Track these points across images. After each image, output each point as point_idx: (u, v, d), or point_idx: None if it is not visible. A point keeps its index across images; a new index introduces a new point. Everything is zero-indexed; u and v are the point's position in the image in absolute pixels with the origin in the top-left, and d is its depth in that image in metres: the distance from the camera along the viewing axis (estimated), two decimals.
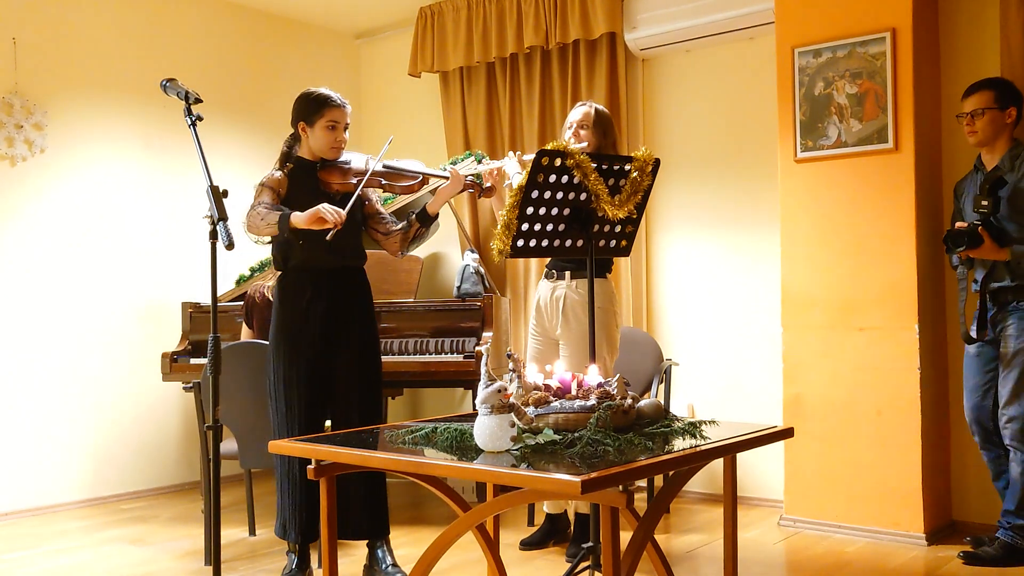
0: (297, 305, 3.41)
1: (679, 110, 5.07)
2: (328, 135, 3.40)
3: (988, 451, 3.74)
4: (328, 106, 3.38)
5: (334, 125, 3.40)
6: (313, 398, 3.42)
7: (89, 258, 5.14)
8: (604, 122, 3.70)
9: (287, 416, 3.40)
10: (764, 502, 4.64)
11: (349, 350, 3.46)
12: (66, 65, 5.08)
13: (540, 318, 3.79)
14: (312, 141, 3.43)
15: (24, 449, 4.85)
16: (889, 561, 3.68)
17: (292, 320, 3.42)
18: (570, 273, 3.70)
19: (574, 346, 3.66)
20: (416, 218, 3.55)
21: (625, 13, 4.99)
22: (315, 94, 3.42)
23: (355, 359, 3.47)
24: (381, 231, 3.59)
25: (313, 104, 3.40)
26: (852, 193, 4.08)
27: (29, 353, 4.90)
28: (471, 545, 3.37)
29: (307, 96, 3.42)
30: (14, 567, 3.89)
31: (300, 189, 3.41)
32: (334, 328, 3.44)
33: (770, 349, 4.53)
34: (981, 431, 3.73)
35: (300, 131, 3.44)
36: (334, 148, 3.42)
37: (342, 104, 3.42)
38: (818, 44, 4.15)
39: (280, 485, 3.45)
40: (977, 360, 3.74)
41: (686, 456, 2.15)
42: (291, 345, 3.42)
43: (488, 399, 2.12)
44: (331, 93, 3.43)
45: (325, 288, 3.41)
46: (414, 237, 3.59)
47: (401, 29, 6.19)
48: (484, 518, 2.62)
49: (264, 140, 5.99)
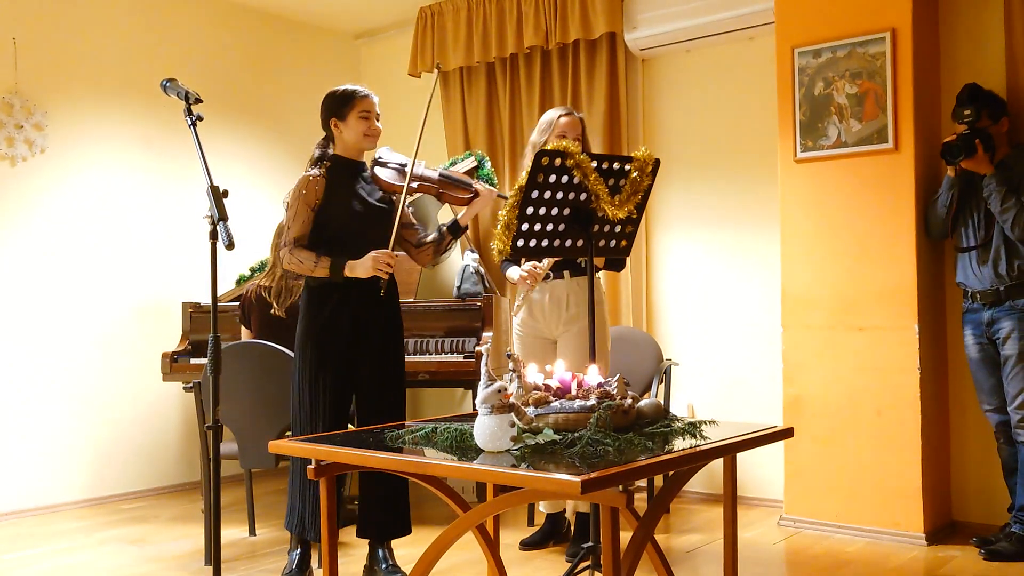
0: (324, 309, 3.42)
1: (679, 110, 5.07)
2: (362, 123, 3.43)
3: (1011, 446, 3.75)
4: (357, 97, 3.44)
5: (366, 114, 3.43)
6: (338, 401, 3.42)
7: (89, 258, 5.14)
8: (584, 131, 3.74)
9: (311, 419, 3.40)
10: (764, 502, 4.64)
11: (375, 355, 3.47)
12: (66, 65, 5.08)
13: (533, 318, 3.77)
14: (347, 134, 3.45)
15: (24, 449, 4.85)
16: (889, 561, 3.68)
17: (319, 324, 3.42)
18: (569, 272, 3.70)
19: (574, 345, 3.66)
20: (448, 230, 3.57)
21: (625, 13, 4.99)
22: (342, 89, 3.48)
23: (380, 364, 3.49)
24: (413, 242, 3.61)
25: (342, 98, 3.44)
26: (852, 193, 4.08)
27: (29, 353, 4.90)
28: (471, 545, 3.37)
29: (333, 93, 3.47)
30: (14, 567, 3.89)
31: (340, 188, 3.41)
32: (361, 332, 3.44)
33: (770, 349, 4.53)
34: (1004, 431, 3.75)
35: (332, 128, 3.47)
36: (368, 135, 3.44)
37: (370, 94, 3.47)
38: (818, 44, 4.15)
39: (298, 484, 3.43)
40: (984, 364, 3.77)
41: (686, 456, 2.15)
42: (318, 348, 3.41)
43: (488, 399, 2.12)
44: (357, 86, 3.49)
45: (353, 292, 3.42)
46: (444, 249, 3.62)
47: (401, 29, 6.19)
48: (484, 518, 2.62)
49: (264, 140, 5.99)
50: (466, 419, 2.48)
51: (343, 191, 3.40)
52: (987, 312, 3.73)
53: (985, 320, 3.74)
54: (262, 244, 5.48)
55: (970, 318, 3.82)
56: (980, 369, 3.79)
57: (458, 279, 5.05)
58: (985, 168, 3.69)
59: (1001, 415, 3.73)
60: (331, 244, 3.38)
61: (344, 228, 3.38)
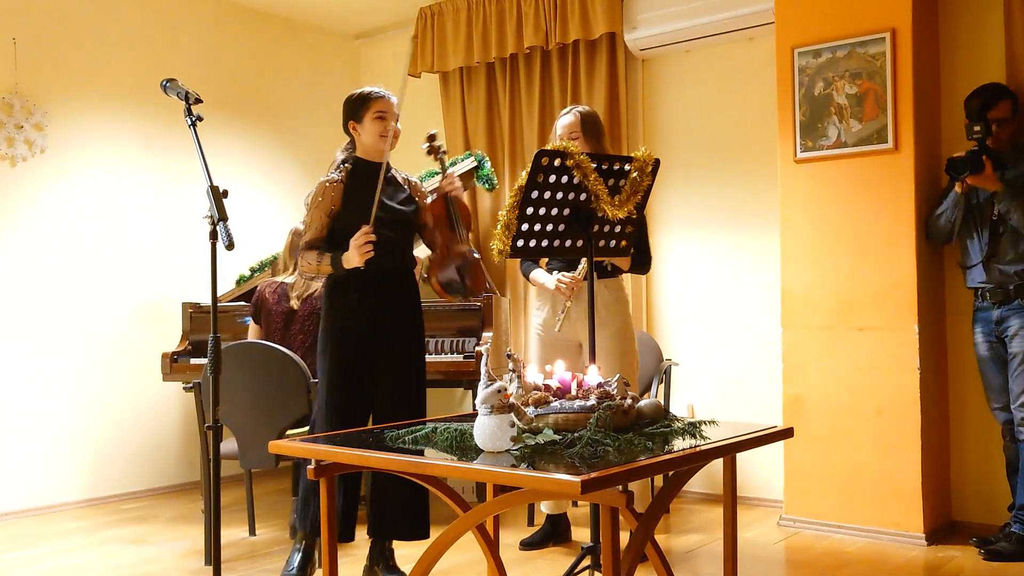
0: (345, 306, 3.42)
1: (679, 110, 5.07)
2: (378, 124, 3.42)
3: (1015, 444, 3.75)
4: (372, 98, 3.44)
5: (382, 115, 3.43)
6: (355, 399, 3.43)
7: (89, 258, 5.14)
8: (591, 125, 3.67)
9: (327, 418, 3.40)
10: (764, 502, 4.64)
11: (394, 353, 3.48)
12: (66, 65, 5.08)
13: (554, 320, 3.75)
14: (364, 136, 3.45)
15: (24, 449, 4.85)
16: (889, 561, 3.68)
17: (340, 321, 3.43)
18: (596, 274, 3.67)
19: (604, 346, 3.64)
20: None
21: (625, 13, 4.99)
22: (359, 92, 3.48)
23: (400, 362, 3.49)
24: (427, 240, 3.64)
25: (358, 101, 3.45)
26: (852, 193, 4.08)
27: (29, 353, 4.90)
28: (471, 545, 3.37)
29: (351, 97, 3.48)
30: (14, 567, 3.89)
31: (359, 190, 3.41)
32: (381, 330, 3.45)
33: (770, 349, 4.53)
34: (1010, 429, 3.76)
35: (352, 131, 3.47)
36: (383, 136, 3.43)
37: (386, 95, 3.47)
38: (818, 44, 4.15)
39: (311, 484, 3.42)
40: (992, 363, 3.78)
41: (686, 456, 2.15)
42: (338, 345, 3.42)
43: (488, 399, 2.12)
44: (375, 87, 3.50)
45: (372, 290, 3.42)
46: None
47: (401, 29, 6.19)
48: (484, 518, 2.62)
49: (264, 140, 5.99)
50: (466, 419, 2.49)
51: (362, 193, 3.39)
52: (997, 311, 3.74)
53: (994, 318, 3.75)
54: (262, 244, 5.49)
55: (980, 316, 3.83)
56: (989, 367, 3.80)
57: None
58: (992, 185, 3.66)
59: (1007, 414, 3.74)
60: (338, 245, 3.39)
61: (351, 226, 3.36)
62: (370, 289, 3.41)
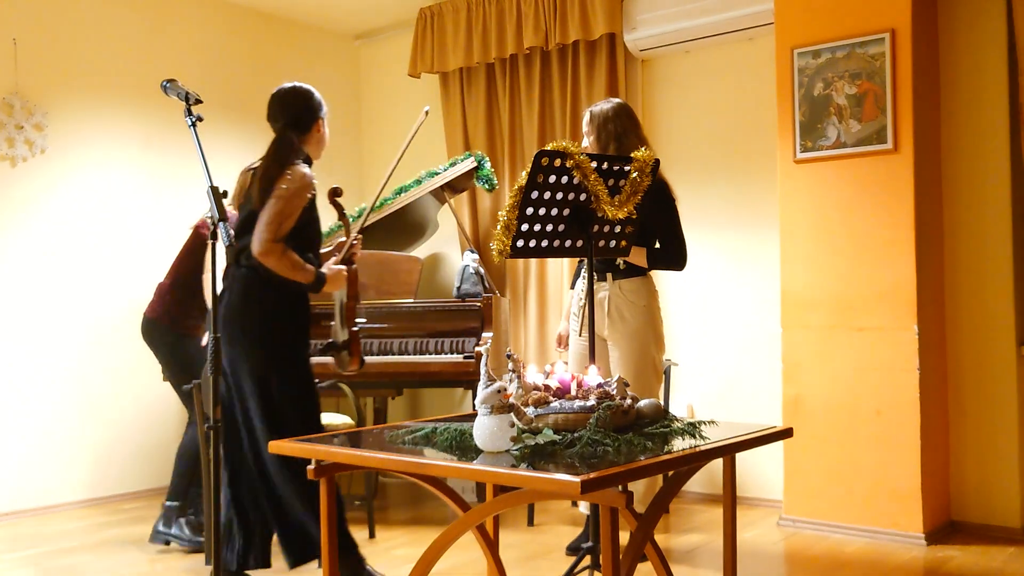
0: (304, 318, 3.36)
1: (679, 110, 5.07)
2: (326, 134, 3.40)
3: None
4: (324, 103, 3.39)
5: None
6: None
7: (89, 258, 5.14)
8: (598, 119, 3.67)
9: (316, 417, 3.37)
10: (764, 502, 4.64)
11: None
12: (66, 65, 5.09)
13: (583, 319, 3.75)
14: (323, 140, 3.40)
15: (25, 449, 4.85)
16: (888, 561, 3.69)
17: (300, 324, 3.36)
18: (611, 275, 3.67)
19: (625, 346, 3.64)
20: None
21: (625, 14, 4.99)
22: (313, 90, 3.39)
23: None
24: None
25: (320, 103, 3.38)
26: (851, 194, 4.09)
27: (29, 353, 4.90)
28: (471, 545, 3.37)
29: (312, 94, 3.37)
30: (14, 567, 3.89)
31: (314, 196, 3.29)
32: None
33: (770, 349, 4.54)
34: None
35: (315, 130, 3.36)
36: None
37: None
38: (817, 45, 4.15)
39: (239, 510, 3.27)
40: None
41: (686, 456, 2.15)
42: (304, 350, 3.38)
43: (488, 399, 2.12)
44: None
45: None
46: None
47: (401, 30, 6.19)
48: (484, 518, 2.62)
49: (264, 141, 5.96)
50: (466, 419, 2.49)
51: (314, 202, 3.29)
52: None
53: None
54: None
55: None
56: None
57: (458, 279, 5.05)
58: None
59: None
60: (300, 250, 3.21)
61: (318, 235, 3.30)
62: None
